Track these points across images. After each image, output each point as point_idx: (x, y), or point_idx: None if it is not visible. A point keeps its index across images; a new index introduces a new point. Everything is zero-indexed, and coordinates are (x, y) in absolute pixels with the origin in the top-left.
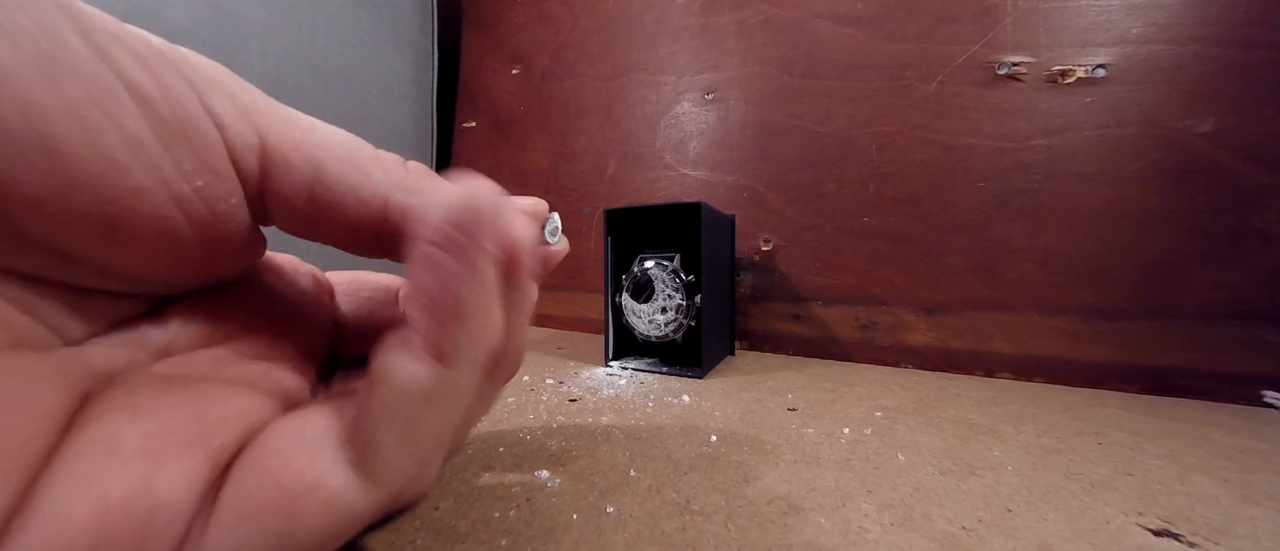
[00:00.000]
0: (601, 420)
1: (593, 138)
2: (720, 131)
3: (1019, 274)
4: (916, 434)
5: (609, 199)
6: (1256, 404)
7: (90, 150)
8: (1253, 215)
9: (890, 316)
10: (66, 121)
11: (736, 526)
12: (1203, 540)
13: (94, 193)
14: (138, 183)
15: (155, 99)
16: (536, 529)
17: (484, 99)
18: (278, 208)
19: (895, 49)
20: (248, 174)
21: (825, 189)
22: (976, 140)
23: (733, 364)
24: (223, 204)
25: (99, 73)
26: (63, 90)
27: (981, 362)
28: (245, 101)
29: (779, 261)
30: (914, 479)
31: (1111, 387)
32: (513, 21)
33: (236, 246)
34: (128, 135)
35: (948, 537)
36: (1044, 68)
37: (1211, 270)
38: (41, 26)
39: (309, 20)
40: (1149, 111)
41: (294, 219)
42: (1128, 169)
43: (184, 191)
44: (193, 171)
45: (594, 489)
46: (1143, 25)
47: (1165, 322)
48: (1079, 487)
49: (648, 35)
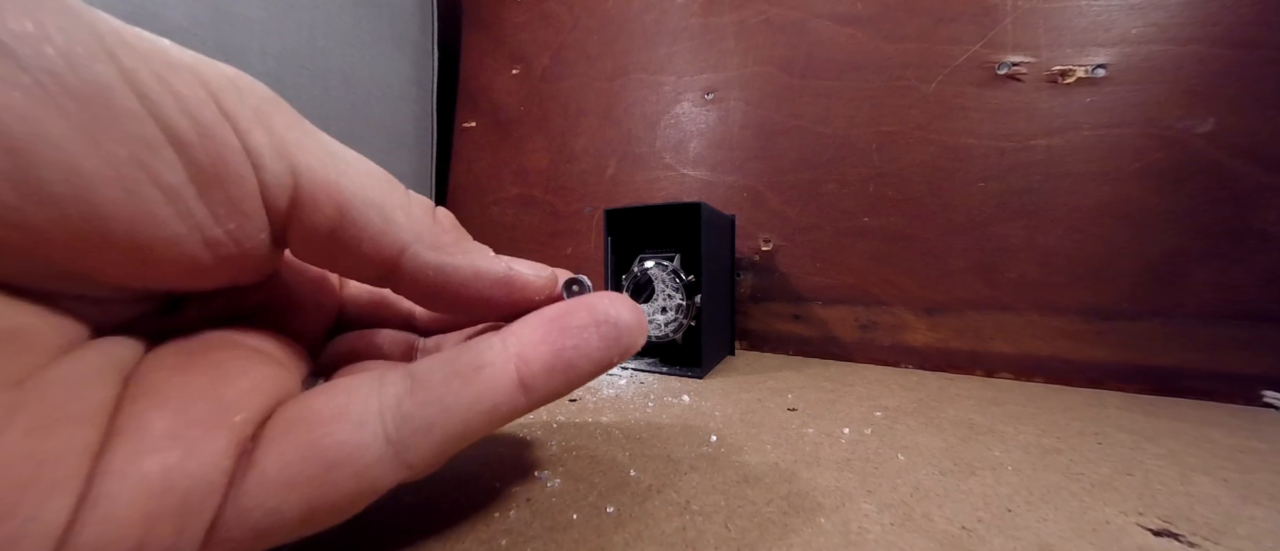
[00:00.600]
0: (601, 420)
1: (593, 138)
2: (720, 131)
3: (1019, 274)
4: (916, 434)
5: (609, 199)
6: (1256, 404)
7: (130, 208)
8: (1253, 215)
9: (890, 316)
10: (109, 184)
11: (736, 526)
12: (1203, 540)
13: (131, 241)
14: (172, 232)
15: (195, 146)
16: (536, 529)
17: (484, 99)
18: (298, 241)
19: (895, 49)
20: (276, 212)
21: (825, 189)
22: (976, 140)
23: (733, 364)
24: (252, 241)
25: (143, 128)
26: (108, 153)
27: (981, 362)
28: (285, 136)
29: (779, 261)
30: (914, 479)
31: (1111, 387)
32: (513, 21)
33: (258, 267)
34: (165, 189)
35: (948, 537)
36: (1044, 68)
37: (1211, 270)
38: (91, 86)
39: (309, 20)
40: (1149, 111)
41: (311, 253)
42: (1128, 169)
43: (216, 236)
44: (225, 216)
45: (594, 489)
46: (1143, 25)
47: (1165, 322)
48: (1079, 487)
49: (648, 35)
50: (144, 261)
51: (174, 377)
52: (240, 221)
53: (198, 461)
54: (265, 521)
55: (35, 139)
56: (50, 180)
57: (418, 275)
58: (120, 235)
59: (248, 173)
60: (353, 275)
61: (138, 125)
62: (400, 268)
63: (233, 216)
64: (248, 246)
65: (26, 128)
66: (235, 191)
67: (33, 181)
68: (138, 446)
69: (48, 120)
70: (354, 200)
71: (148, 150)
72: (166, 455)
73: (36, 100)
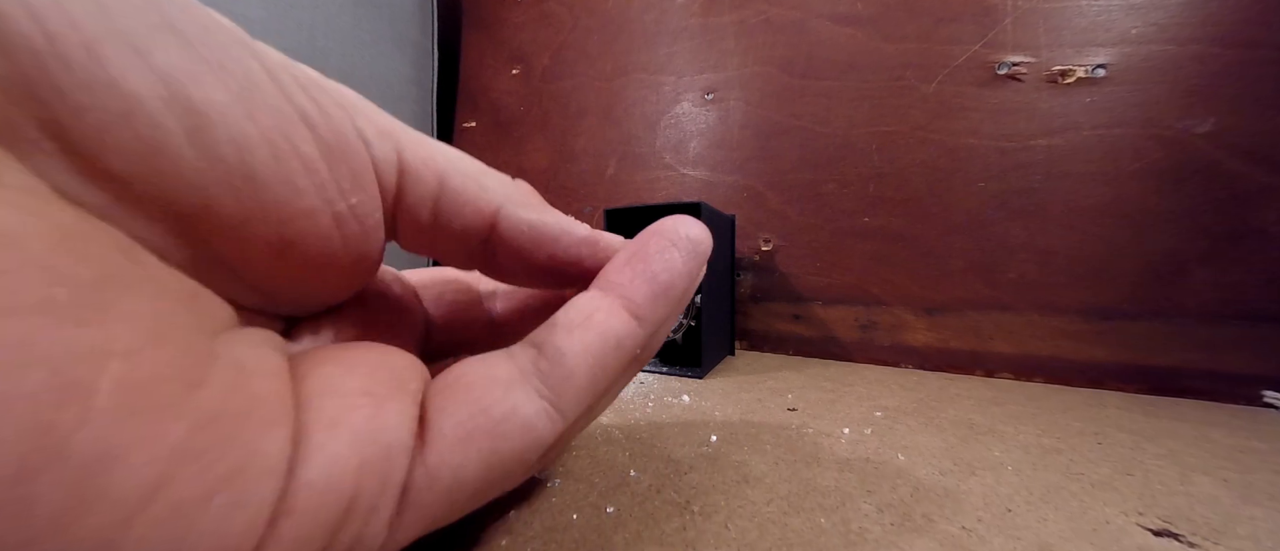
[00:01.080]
0: (601, 420)
1: (593, 138)
2: (720, 131)
3: (1019, 274)
4: (916, 434)
5: (609, 199)
6: (1256, 404)
7: (278, 175)
8: (1253, 215)
9: (890, 316)
10: (263, 150)
11: (736, 526)
12: (1203, 540)
13: (278, 212)
14: (310, 204)
15: (319, 123)
16: (536, 529)
17: (484, 99)
18: (406, 221)
19: (895, 49)
20: (387, 190)
21: (825, 189)
22: (976, 140)
23: (733, 364)
24: (371, 219)
25: (280, 104)
26: (259, 121)
27: (981, 362)
28: (383, 124)
29: (779, 261)
30: (914, 479)
31: (1111, 387)
32: (513, 21)
33: (374, 262)
34: (304, 159)
35: (948, 537)
36: (1044, 68)
37: (1212, 270)
38: (239, 64)
39: (309, 20)
40: (1149, 111)
41: (417, 232)
42: (1128, 169)
43: (342, 210)
44: (350, 190)
45: (594, 489)
46: (1143, 25)
47: (1165, 322)
48: (1079, 487)
49: (648, 35)
50: (286, 242)
51: (349, 354)
52: (361, 196)
53: (393, 416)
54: (451, 482)
55: (209, 105)
56: (221, 140)
57: (513, 234)
58: (270, 203)
59: (361, 149)
60: (456, 252)
61: (278, 101)
62: (498, 227)
63: (356, 190)
64: (368, 226)
65: (204, 95)
66: (356, 164)
67: (209, 141)
68: (340, 402)
69: (216, 93)
70: (451, 170)
71: (287, 123)
72: (366, 410)
73: (209, 74)
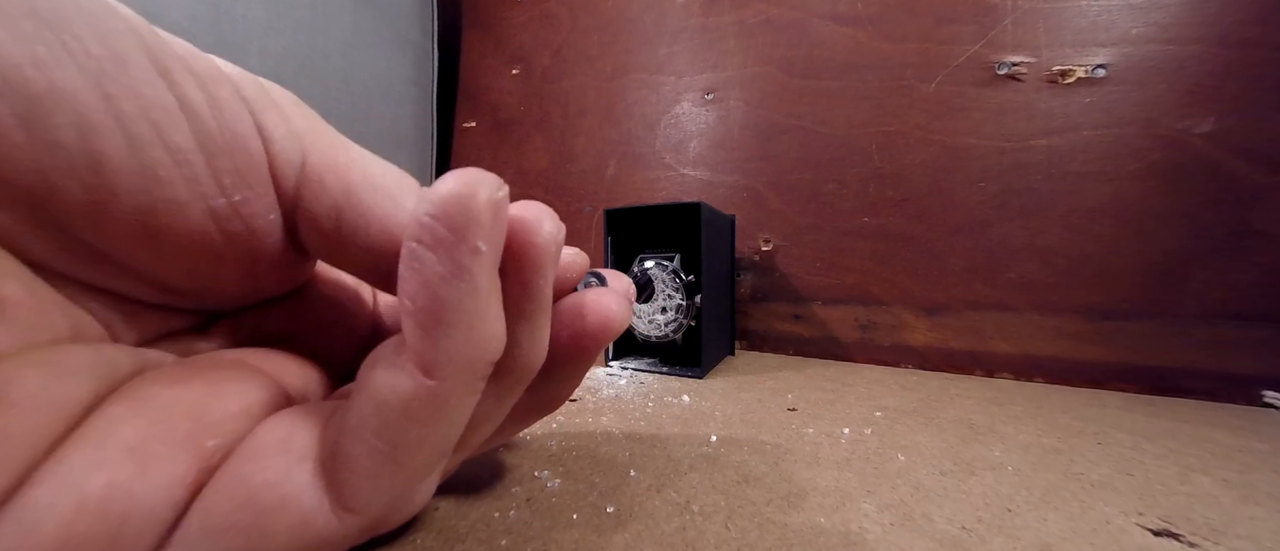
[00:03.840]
0: (601, 420)
1: (593, 138)
2: (720, 131)
3: (1019, 274)
4: (916, 434)
5: (609, 199)
6: (1256, 404)
7: (134, 164)
8: (1253, 215)
9: (890, 316)
10: (115, 136)
11: (736, 526)
12: (1203, 540)
13: (134, 200)
14: (175, 195)
15: (204, 115)
16: (536, 529)
17: (484, 99)
18: (306, 228)
19: (895, 49)
20: (286, 192)
21: (825, 189)
22: (976, 140)
23: (733, 364)
24: (261, 220)
25: (155, 91)
26: (117, 107)
27: (981, 362)
28: (298, 125)
29: (779, 261)
30: (914, 479)
31: (1111, 387)
32: (513, 21)
33: (276, 263)
34: (172, 149)
35: (948, 537)
36: (1044, 68)
37: (1212, 270)
38: (108, 49)
39: (309, 20)
40: (1149, 111)
41: (321, 242)
42: (1128, 169)
43: (220, 205)
44: (232, 186)
45: (594, 489)
46: (1143, 25)
47: (1165, 322)
48: (1079, 487)
49: (648, 35)
50: (153, 232)
51: (165, 390)
52: (247, 194)
53: (148, 484)
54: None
55: (50, 87)
56: (60, 125)
57: None
58: (123, 191)
59: (257, 147)
60: (368, 277)
61: (149, 87)
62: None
63: (239, 187)
64: (257, 226)
65: (41, 75)
66: (242, 161)
67: (46, 126)
68: (92, 454)
69: (63, 73)
70: (361, 183)
71: (157, 109)
72: (116, 470)
73: (56, 55)
